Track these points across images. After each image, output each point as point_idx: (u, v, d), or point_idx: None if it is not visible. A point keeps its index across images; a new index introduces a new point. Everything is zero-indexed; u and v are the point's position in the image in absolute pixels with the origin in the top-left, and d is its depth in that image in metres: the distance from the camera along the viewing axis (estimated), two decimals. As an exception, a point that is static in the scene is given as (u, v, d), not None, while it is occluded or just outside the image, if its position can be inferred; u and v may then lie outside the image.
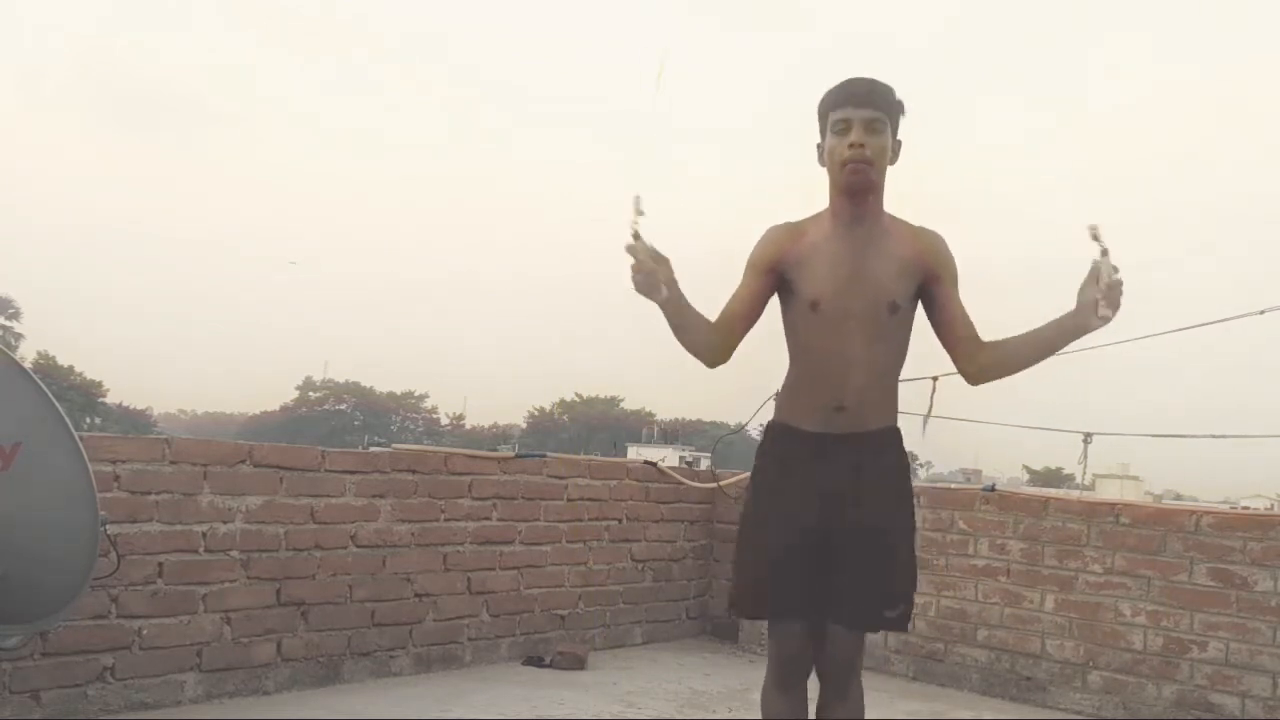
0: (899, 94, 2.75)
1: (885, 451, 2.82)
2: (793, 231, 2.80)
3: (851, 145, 2.66)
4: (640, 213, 2.52)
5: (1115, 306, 2.55)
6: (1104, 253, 2.54)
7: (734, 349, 2.82)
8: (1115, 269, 2.54)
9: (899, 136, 2.76)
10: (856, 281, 2.71)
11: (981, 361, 2.79)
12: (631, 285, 2.55)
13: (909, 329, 2.81)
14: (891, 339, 2.77)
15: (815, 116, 2.79)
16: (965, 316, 2.80)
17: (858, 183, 2.68)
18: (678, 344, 2.74)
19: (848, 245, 2.73)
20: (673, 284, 2.59)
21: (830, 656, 2.82)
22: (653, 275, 2.54)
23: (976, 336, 2.80)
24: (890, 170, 2.76)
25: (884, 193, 2.76)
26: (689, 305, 2.69)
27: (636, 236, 2.52)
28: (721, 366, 2.83)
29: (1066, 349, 2.75)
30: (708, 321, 2.75)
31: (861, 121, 2.66)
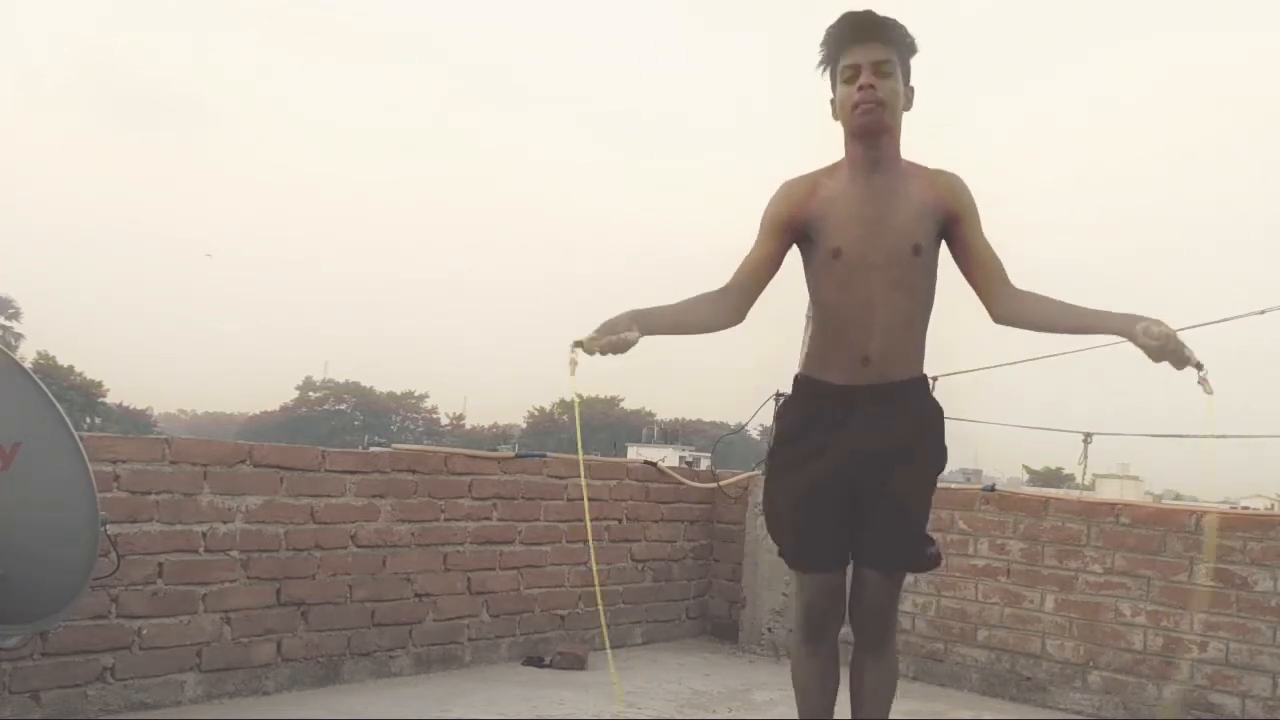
0: (909, 33, 2.68)
1: (916, 401, 2.78)
2: (808, 184, 2.75)
3: (862, 88, 2.61)
4: (572, 358, 2.52)
5: (1164, 355, 2.51)
6: (1207, 392, 2.54)
7: (747, 308, 2.78)
8: (1201, 365, 2.51)
9: (912, 83, 2.70)
10: (878, 226, 2.66)
11: (1011, 308, 2.73)
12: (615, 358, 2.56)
13: (934, 276, 2.76)
14: (916, 285, 2.72)
15: (820, 67, 2.73)
16: (992, 255, 2.76)
17: (870, 123, 2.63)
18: (699, 336, 2.76)
19: (867, 192, 2.68)
20: (631, 322, 2.55)
21: (865, 605, 2.79)
22: (615, 343, 2.53)
23: (1006, 278, 2.75)
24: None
25: (899, 138, 2.71)
26: (664, 312, 2.67)
27: (574, 358, 2.52)
28: (735, 326, 2.79)
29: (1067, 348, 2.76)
30: (704, 299, 2.72)
31: (870, 64, 2.61)
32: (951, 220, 2.73)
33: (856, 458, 2.71)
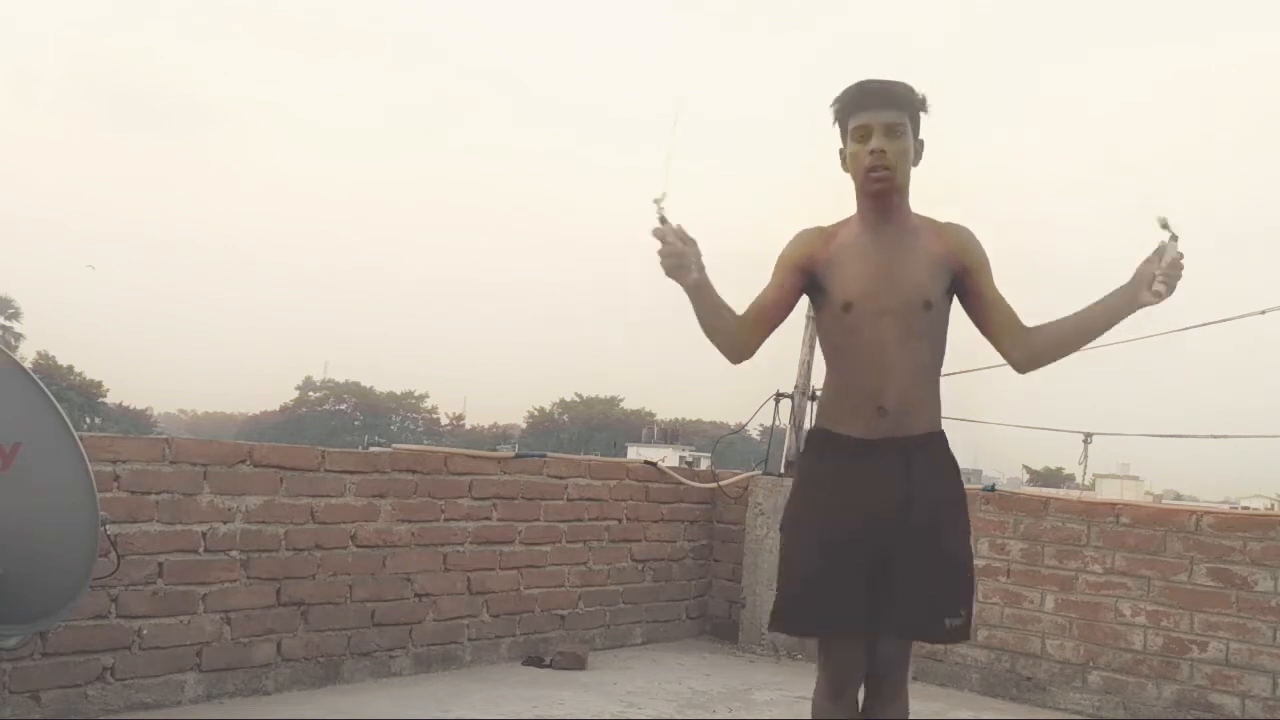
0: (919, 91, 2.71)
1: (934, 456, 2.75)
2: (822, 234, 2.77)
3: (872, 152, 2.63)
4: (662, 199, 2.47)
5: (1171, 286, 2.52)
6: (1173, 237, 2.51)
7: (758, 346, 2.78)
8: (1180, 253, 2.51)
9: (920, 136, 2.71)
10: (888, 280, 2.67)
11: (1029, 348, 2.74)
12: (661, 268, 2.51)
13: (945, 328, 2.76)
14: (927, 336, 2.72)
15: (832, 122, 2.74)
16: (1004, 304, 2.76)
17: (880, 189, 2.66)
18: (702, 335, 2.70)
19: (877, 245, 2.70)
20: (702, 267, 2.55)
21: (882, 667, 2.75)
22: (683, 256, 2.51)
23: (1019, 323, 2.75)
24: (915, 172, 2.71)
25: (909, 193, 2.73)
26: (717, 294, 2.65)
27: (663, 219, 2.48)
28: (739, 363, 2.78)
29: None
30: (735, 314, 2.71)
31: (881, 126, 2.63)
32: (963, 273, 2.74)
33: (877, 518, 2.66)
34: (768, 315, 2.77)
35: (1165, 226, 2.53)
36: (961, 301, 2.78)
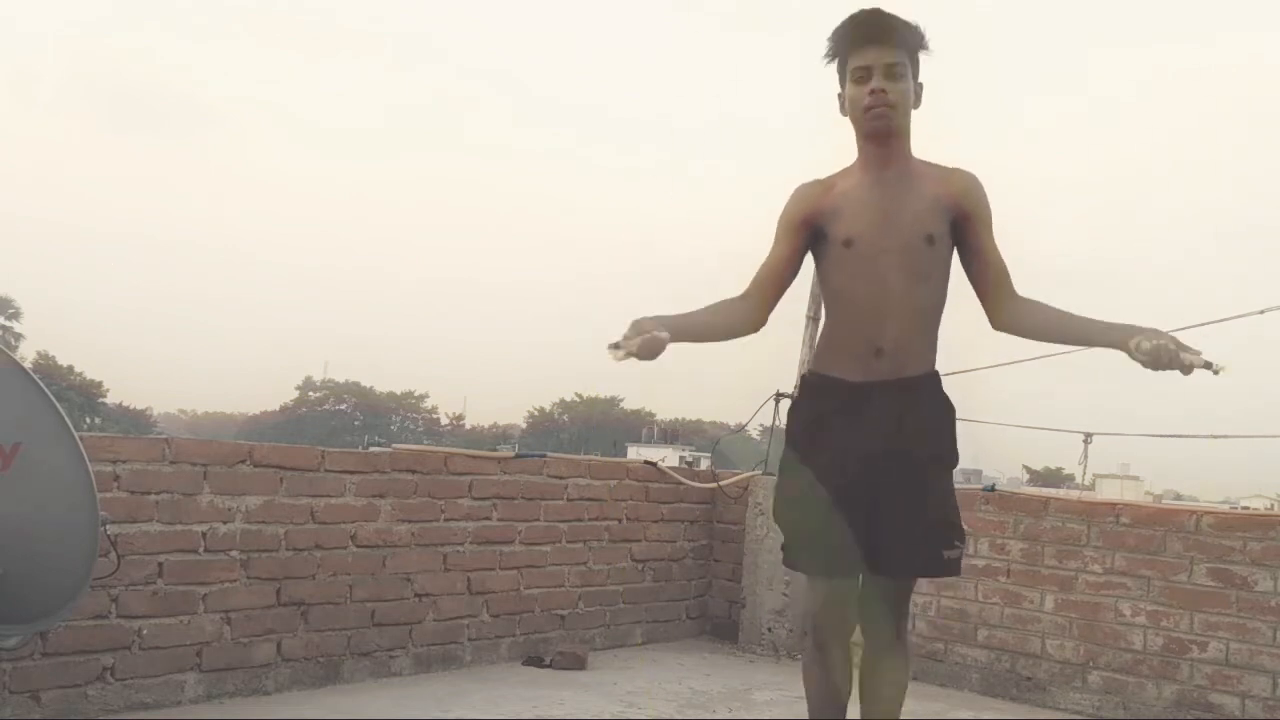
0: (920, 29, 2.67)
1: (928, 399, 2.76)
2: (822, 185, 2.76)
3: (873, 92, 2.61)
4: (616, 350, 2.50)
5: (1157, 365, 2.49)
6: (1215, 372, 2.51)
7: (769, 310, 2.78)
8: (1195, 362, 2.48)
9: (920, 80, 2.69)
10: (890, 217, 2.66)
11: (1014, 315, 2.73)
12: (643, 362, 2.53)
13: (947, 269, 2.74)
14: (929, 276, 2.70)
15: (827, 59, 2.72)
16: (999, 260, 2.75)
17: (881, 127, 2.64)
18: (723, 342, 2.73)
19: (879, 186, 2.69)
20: (662, 326, 2.53)
21: (877, 610, 2.76)
22: (647, 343, 2.50)
23: (1010, 285, 2.74)
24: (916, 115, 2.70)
25: (910, 136, 2.71)
26: (693, 318, 2.66)
27: (615, 351, 2.50)
28: (758, 331, 2.79)
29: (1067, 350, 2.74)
30: (725, 306, 2.72)
31: (882, 66, 2.61)
32: (963, 218, 2.72)
33: (871, 460, 2.67)
34: (776, 279, 2.76)
35: (1216, 373, 2.52)
36: (958, 249, 2.75)
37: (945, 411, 2.81)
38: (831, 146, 2.79)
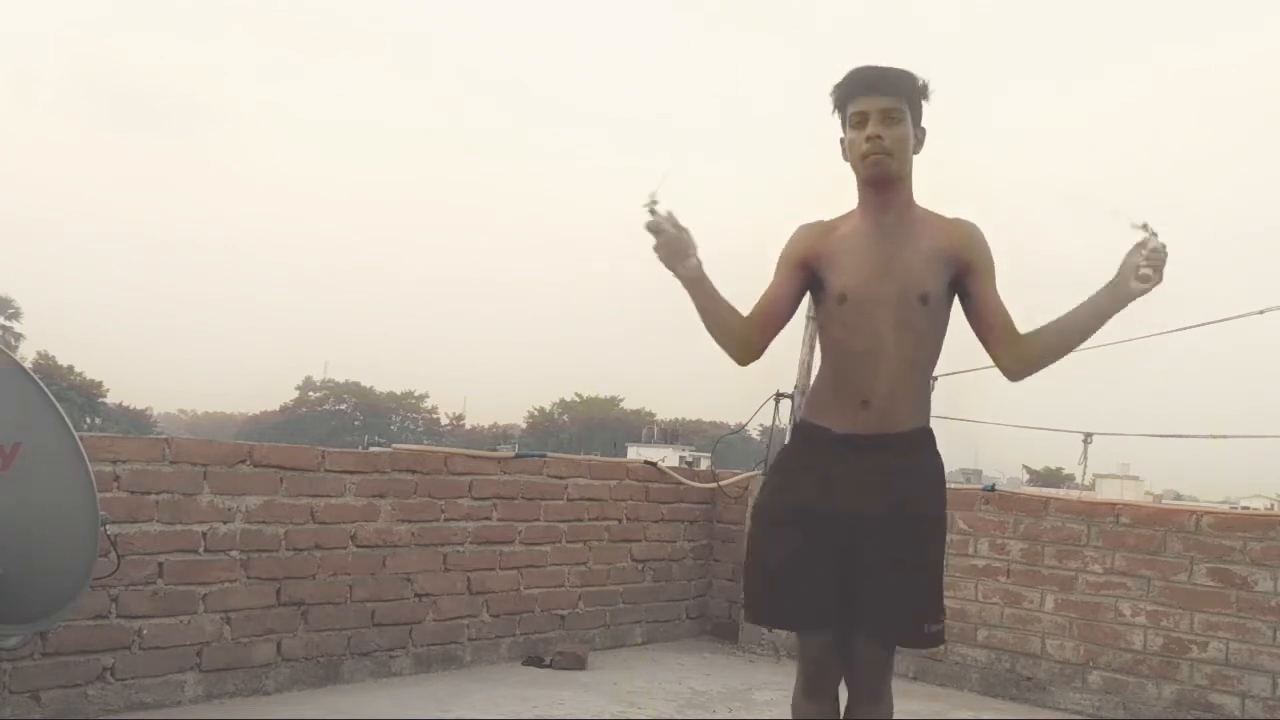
0: (919, 78, 2.66)
1: (917, 454, 2.71)
2: (823, 229, 2.74)
3: (869, 138, 2.59)
4: (653, 200, 2.46)
5: (1158, 271, 2.45)
6: (1152, 233, 2.46)
7: (766, 346, 2.74)
8: (1162, 242, 2.45)
9: (923, 124, 2.67)
10: (885, 270, 2.63)
11: (1021, 354, 2.68)
12: (657, 257, 2.49)
13: (943, 325, 2.71)
14: (922, 331, 2.67)
15: (831, 109, 2.71)
16: (1002, 309, 2.70)
17: (878, 174, 2.62)
18: (707, 335, 2.67)
19: (876, 235, 2.66)
20: (699, 257, 2.52)
21: (861, 670, 2.71)
22: (678, 240, 2.48)
23: (1014, 329, 2.69)
24: (918, 160, 2.68)
25: (912, 183, 2.69)
26: (717, 290, 2.62)
27: (654, 211, 2.45)
28: (746, 362, 2.74)
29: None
30: (739, 313, 2.68)
31: (878, 112, 2.59)
32: (965, 270, 2.68)
33: (852, 515, 2.62)
34: (773, 314, 2.73)
35: (1144, 227, 2.48)
36: (960, 300, 2.72)
37: (936, 471, 2.76)
38: (833, 147, 2.78)
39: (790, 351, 6.04)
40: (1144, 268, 2.45)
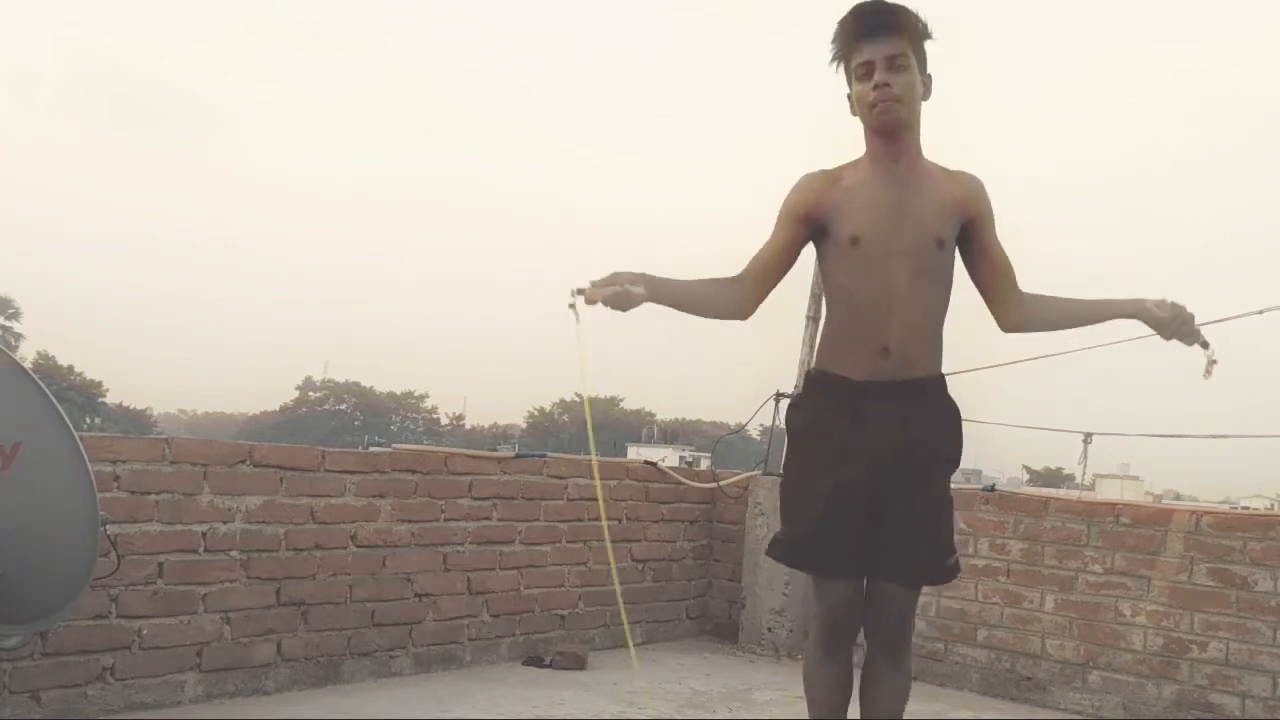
0: (920, 18, 2.63)
1: (934, 402, 2.72)
2: (828, 177, 2.71)
3: (877, 86, 2.57)
4: (574, 303, 2.46)
5: (1171, 328, 2.59)
6: (1209, 359, 2.60)
7: (762, 298, 2.72)
8: (1207, 350, 2.59)
9: (929, 71, 2.65)
10: (900, 217, 2.62)
11: (1021, 312, 2.72)
12: (613, 311, 2.49)
13: (952, 271, 2.71)
14: (937, 278, 2.67)
15: (832, 61, 2.69)
16: (1005, 260, 2.73)
17: (889, 121, 2.60)
18: (702, 322, 2.68)
19: (888, 182, 2.64)
20: (639, 280, 2.50)
21: (884, 616, 2.71)
22: (619, 295, 2.47)
23: (1015, 283, 2.72)
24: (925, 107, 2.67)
25: (919, 130, 2.68)
26: (681, 286, 2.61)
27: (573, 304, 2.45)
28: (745, 319, 2.74)
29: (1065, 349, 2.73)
30: (715, 283, 2.66)
31: (884, 60, 2.57)
32: (970, 221, 2.69)
33: (876, 463, 2.63)
34: (772, 268, 2.71)
35: (1210, 363, 2.61)
36: (962, 251, 2.73)
37: (952, 414, 2.78)
38: (834, 146, 2.78)
39: (790, 352, 6.04)
40: (1165, 319, 2.59)
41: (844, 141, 2.74)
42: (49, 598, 3.14)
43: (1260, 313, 5.40)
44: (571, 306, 2.47)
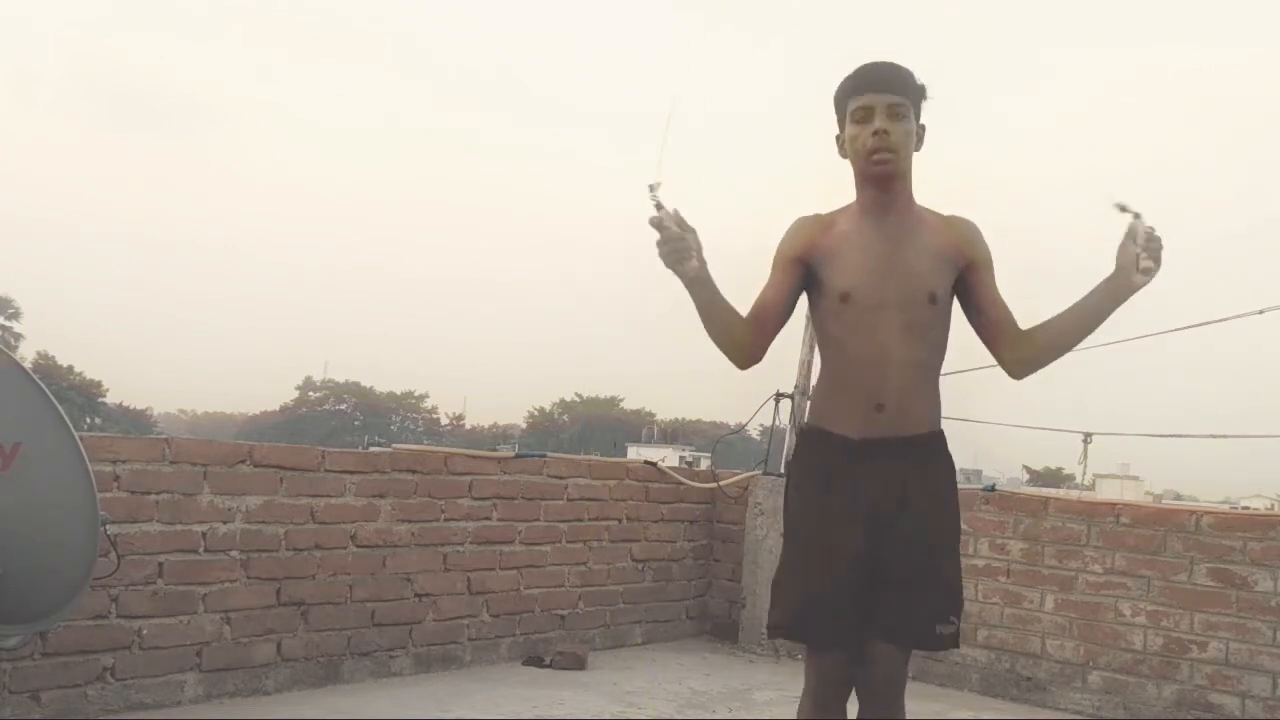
0: (919, 78, 2.63)
1: (932, 460, 2.67)
2: (820, 223, 2.67)
3: (875, 133, 2.54)
4: (657, 186, 2.39)
5: (1157, 260, 2.43)
6: (1136, 215, 2.44)
7: (766, 348, 2.67)
8: (1150, 226, 2.43)
9: (922, 121, 2.64)
10: (891, 271, 2.58)
11: (1024, 352, 2.66)
12: (660, 258, 2.43)
13: (948, 323, 2.67)
14: (930, 331, 2.63)
15: (831, 106, 2.67)
16: (1003, 305, 2.68)
17: (883, 172, 2.57)
18: (707, 338, 2.60)
19: (879, 234, 2.61)
20: (703, 258, 2.46)
21: (876, 677, 2.64)
22: (682, 241, 2.42)
23: (1016, 326, 2.67)
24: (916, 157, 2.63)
25: (912, 180, 2.65)
26: (719, 291, 2.55)
27: (659, 206, 2.39)
28: (747, 366, 2.67)
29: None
30: (740, 315, 2.61)
31: (884, 107, 2.55)
32: (967, 269, 2.65)
33: (874, 524, 2.58)
34: (771, 315, 2.66)
35: (1125, 209, 2.46)
36: (960, 299, 2.70)
37: (951, 474, 2.73)
38: (831, 143, 2.76)
39: (790, 352, 6.04)
40: (1144, 260, 2.44)
41: (833, 140, 2.72)
42: (49, 598, 3.15)
43: (1260, 313, 5.42)
44: (652, 189, 2.41)
